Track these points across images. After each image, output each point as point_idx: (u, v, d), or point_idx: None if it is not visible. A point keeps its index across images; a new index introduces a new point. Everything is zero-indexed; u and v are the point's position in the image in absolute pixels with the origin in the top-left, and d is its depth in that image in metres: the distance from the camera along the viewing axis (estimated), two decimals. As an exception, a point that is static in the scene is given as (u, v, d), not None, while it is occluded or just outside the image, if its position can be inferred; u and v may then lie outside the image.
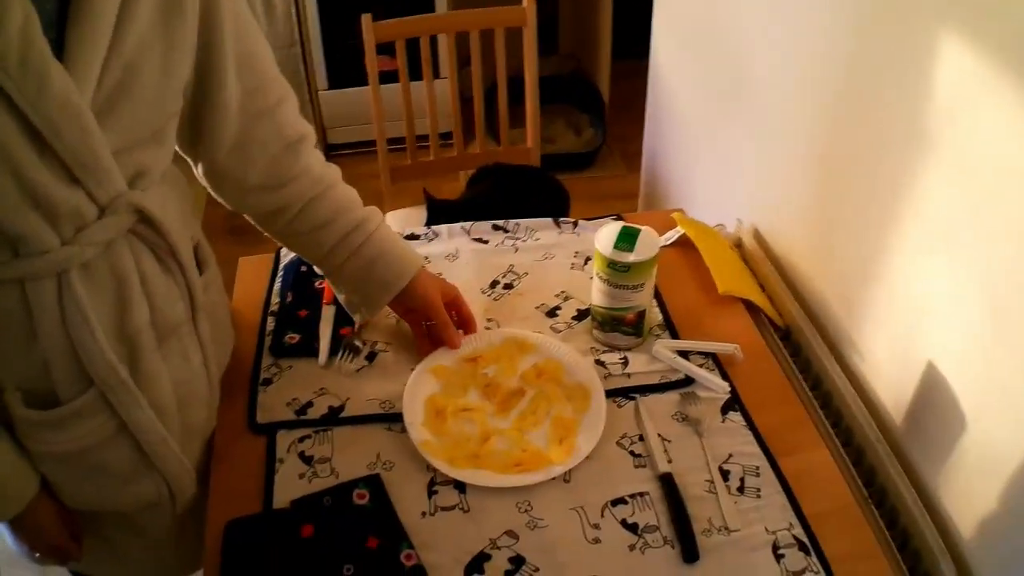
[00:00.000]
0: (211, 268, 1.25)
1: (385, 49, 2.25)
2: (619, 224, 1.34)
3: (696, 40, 2.08)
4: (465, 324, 1.40)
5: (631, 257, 1.29)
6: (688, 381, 1.34)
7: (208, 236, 1.28)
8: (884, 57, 1.24)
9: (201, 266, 1.21)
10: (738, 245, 1.72)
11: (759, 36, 1.66)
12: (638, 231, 1.32)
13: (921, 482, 1.25)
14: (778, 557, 1.11)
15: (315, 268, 1.40)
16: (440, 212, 2.10)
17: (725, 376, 1.35)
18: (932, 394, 1.21)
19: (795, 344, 1.51)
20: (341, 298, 1.40)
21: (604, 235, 1.33)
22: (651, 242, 1.31)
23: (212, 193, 1.26)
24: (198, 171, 1.22)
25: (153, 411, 1.08)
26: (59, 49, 0.85)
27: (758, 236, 1.70)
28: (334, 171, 1.29)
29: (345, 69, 3.45)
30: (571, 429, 1.25)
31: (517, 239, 1.67)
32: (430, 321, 1.36)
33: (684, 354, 1.38)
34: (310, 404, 1.32)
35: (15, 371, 1.00)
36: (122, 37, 0.89)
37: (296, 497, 1.18)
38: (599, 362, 1.38)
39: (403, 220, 2.37)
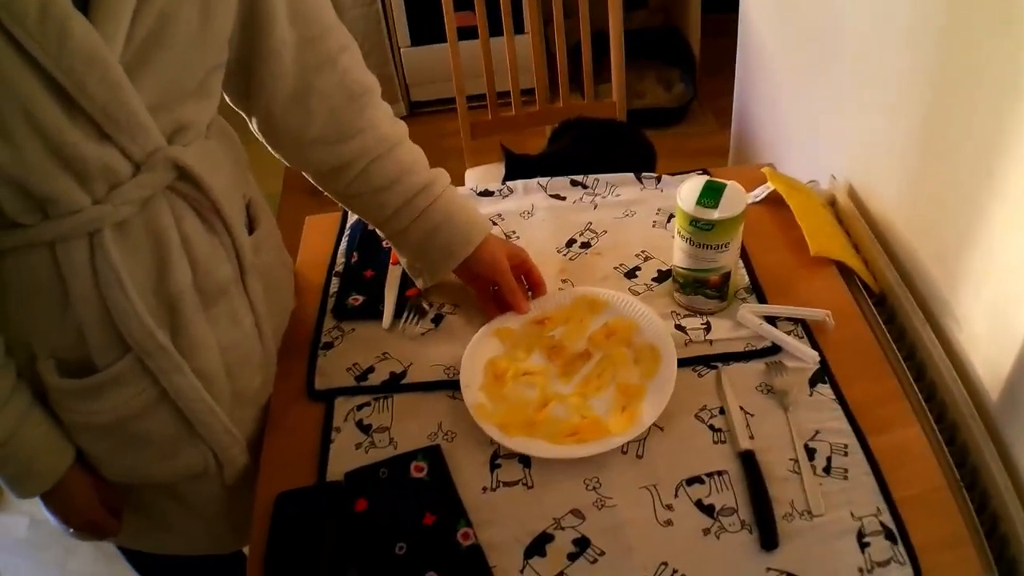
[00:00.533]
0: (263, 227, 1.20)
1: (466, 5, 2.17)
2: (703, 178, 1.23)
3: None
4: (535, 288, 1.33)
5: (715, 214, 1.19)
6: (775, 349, 1.24)
7: (288, 194, 1.23)
8: (987, 3, 1.10)
9: (253, 224, 1.16)
10: (831, 203, 1.59)
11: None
12: (723, 186, 1.22)
13: (1015, 465, 1.13)
14: (863, 546, 1.01)
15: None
16: (519, 167, 2.01)
17: (815, 345, 1.24)
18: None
19: (889, 310, 1.39)
20: (403, 262, 1.34)
21: (686, 190, 1.22)
22: (737, 198, 1.21)
23: (270, 149, 1.20)
24: (253, 125, 1.17)
25: (199, 378, 1.03)
26: (84, 1, 0.80)
27: (852, 194, 1.57)
28: (401, 128, 1.22)
29: (427, 25, 3.38)
30: (636, 396, 1.17)
31: (596, 195, 1.57)
32: (497, 286, 1.29)
33: (771, 320, 1.27)
34: (371, 369, 1.26)
35: (49, 339, 0.96)
36: None
37: (351, 469, 1.12)
38: (679, 327, 1.28)
39: (482, 176, 2.29)
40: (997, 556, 1.06)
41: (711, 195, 1.20)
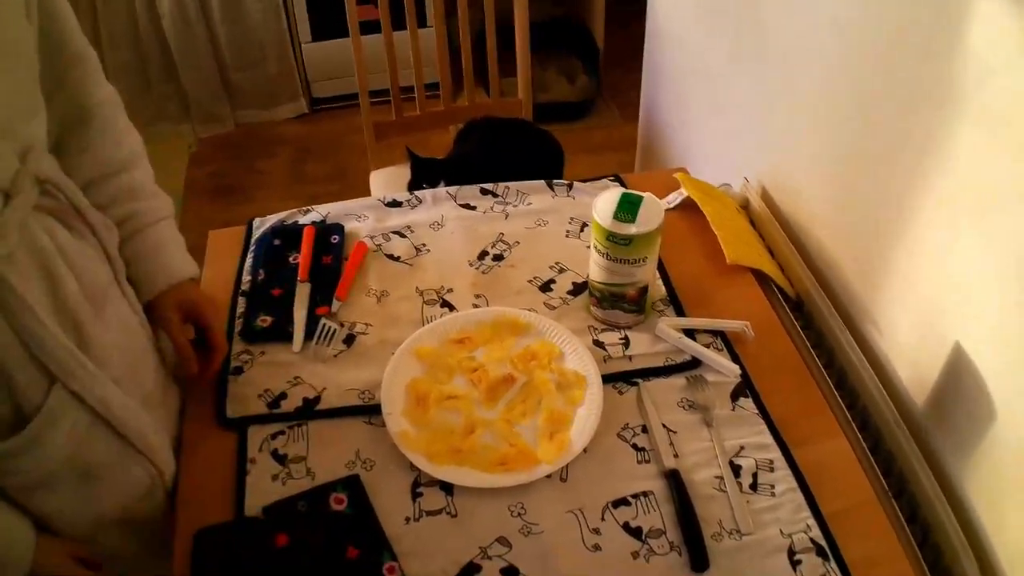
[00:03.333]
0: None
1: (367, -2, 2.10)
2: (619, 191, 1.21)
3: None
4: (211, 348, 1.21)
5: (633, 229, 1.17)
6: (695, 363, 1.24)
7: (190, 197, 1.17)
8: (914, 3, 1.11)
9: None
10: (744, 206, 1.60)
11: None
12: (640, 199, 1.20)
13: (943, 471, 1.15)
14: (794, 564, 1.02)
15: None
16: (425, 171, 1.96)
17: (735, 357, 1.24)
18: (958, 376, 1.10)
19: (807, 315, 1.40)
20: None
21: (603, 203, 1.20)
22: (655, 210, 1.19)
23: None
24: None
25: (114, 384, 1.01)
26: None
27: (766, 196, 1.58)
28: (128, 147, 1.16)
29: (329, 20, 3.29)
30: (563, 423, 1.15)
31: (507, 204, 1.54)
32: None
33: (690, 333, 1.27)
34: (283, 396, 1.21)
35: None
36: None
37: (269, 503, 1.08)
38: (598, 343, 1.27)
39: (387, 179, 2.24)
40: (931, 565, 1.07)
41: (628, 209, 1.19)
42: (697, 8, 1.95)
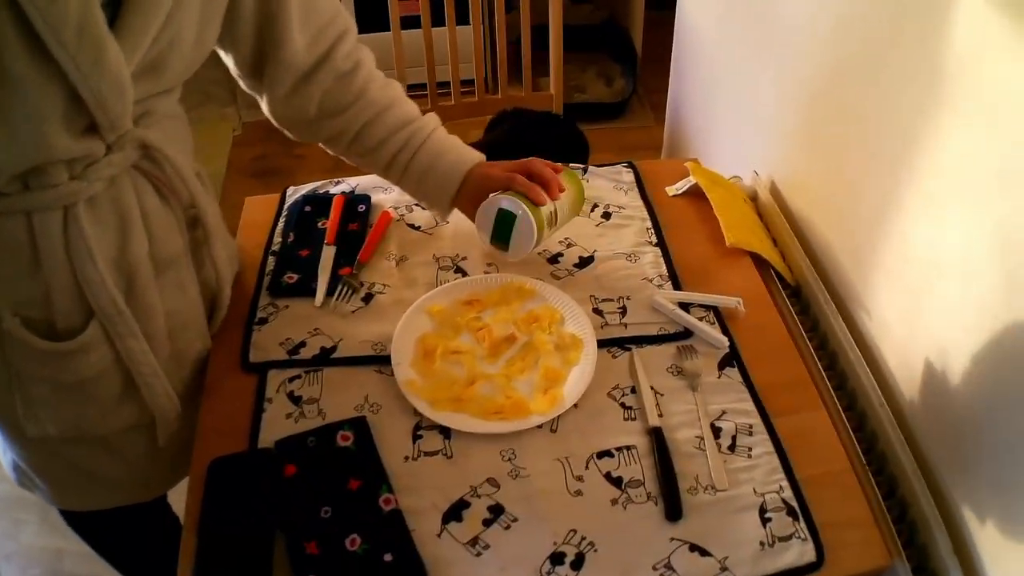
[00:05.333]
0: (211, 194, 1.25)
1: (410, -7, 2.21)
2: (495, 207, 1.30)
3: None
4: (545, 185, 1.31)
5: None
6: (687, 334, 1.31)
7: (232, 178, 1.30)
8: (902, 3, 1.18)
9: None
10: (753, 198, 1.68)
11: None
12: (513, 218, 1.29)
13: (923, 453, 1.20)
14: (764, 520, 1.08)
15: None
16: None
17: (726, 331, 1.32)
18: (940, 361, 1.16)
19: (804, 301, 1.47)
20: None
21: (481, 217, 1.32)
22: (527, 232, 1.30)
23: (279, 127, 1.32)
24: (266, 111, 1.30)
25: (146, 340, 1.10)
26: (110, 23, 0.86)
27: (774, 190, 1.65)
28: (391, 92, 1.32)
29: (373, 13, 3.38)
30: (557, 380, 1.23)
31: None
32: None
33: (685, 307, 1.34)
34: (303, 344, 1.31)
35: (16, 298, 1.02)
36: (172, 18, 0.92)
37: (281, 437, 1.17)
38: (597, 310, 1.35)
39: None
40: (906, 542, 1.13)
41: (502, 234, 1.31)
42: (719, 8, 2.04)
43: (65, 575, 2.06)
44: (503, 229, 1.29)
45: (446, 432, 1.18)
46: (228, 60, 1.21)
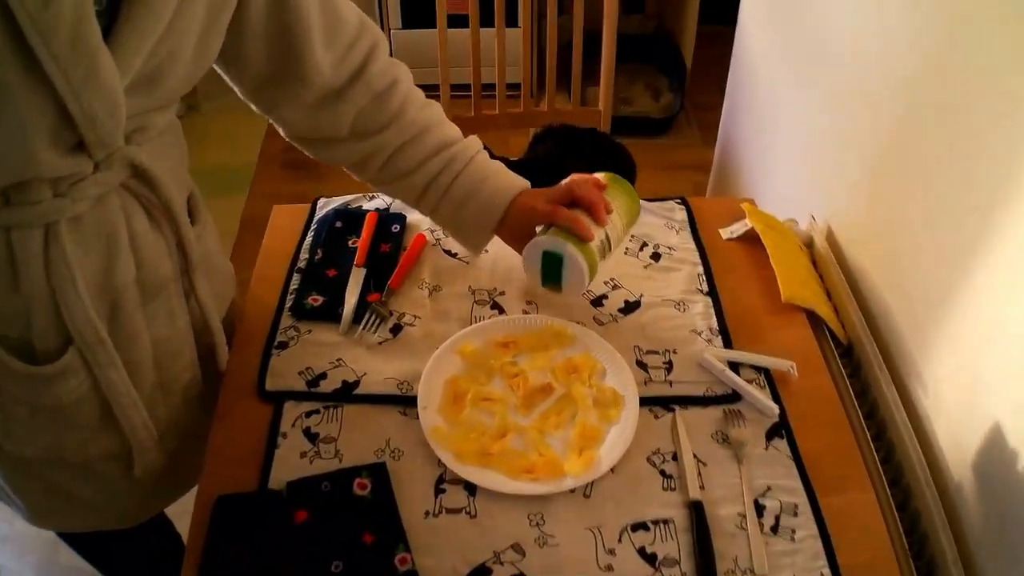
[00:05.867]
0: (202, 219, 1.19)
1: (459, -9, 2.13)
2: (539, 248, 1.17)
3: (785, 11, 1.91)
4: (591, 210, 1.18)
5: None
6: (735, 397, 1.22)
7: (262, 169, 1.22)
8: (985, 53, 1.08)
9: (193, 216, 1.15)
10: (808, 244, 1.58)
11: (848, 14, 1.51)
12: (560, 259, 1.16)
13: (964, 538, 1.12)
14: (804, 611, 1.00)
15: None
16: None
17: (775, 396, 1.23)
18: (997, 451, 1.07)
19: (855, 362, 1.38)
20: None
21: (528, 262, 1.21)
22: (578, 272, 1.17)
23: (298, 147, 1.23)
24: (282, 132, 1.21)
25: (128, 368, 1.04)
26: (104, 33, 0.80)
27: (831, 238, 1.56)
28: (430, 113, 1.22)
29: (420, 9, 3.33)
30: (594, 439, 1.15)
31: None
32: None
33: (734, 366, 1.25)
34: (323, 376, 1.23)
35: None
36: (171, 30, 0.86)
37: (293, 478, 1.10)
38: (641, 364, 1.26)
39: None
40: None
41: (552, 274, 1.19)
42: (781, 38, 1.94)
43: (61, 566, 2.01)
44: (551, 271, 1.18)
45: (471, 488, 1.10)
46: (232, 79, 1.13)
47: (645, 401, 1.20)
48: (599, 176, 1.22)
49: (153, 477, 1.19)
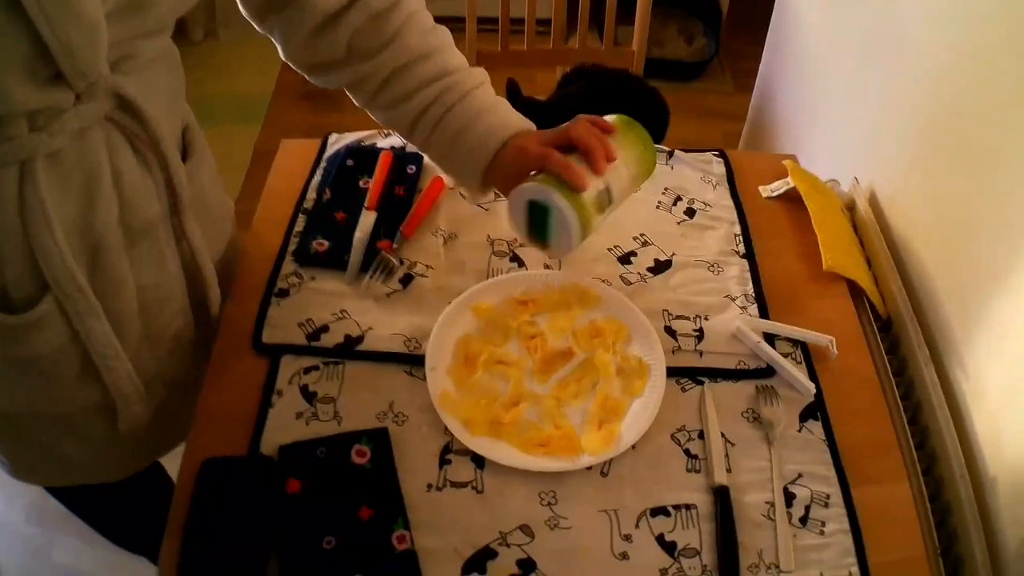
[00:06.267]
0: (198, 154, 1.09)
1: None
2: (523, 197, 0.98)
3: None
4: (589, 155, 0.98)
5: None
6: (769, 372, 1.13)
7: (278, 99, 1.10)
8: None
9: (187, 151, 1.06)
10: (850, 207, 1.47)
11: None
12: (547, 211, 0.96)
13: (994, 534, 1.04)
14: (829, 610, 0.92)
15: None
16: (522, 110, 1.86)
17: (812, 373, 1.13)
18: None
19: (894, 338, 1.28)
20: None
21: (512, 209, 1.02)
22: (567, 227, 0.96)
23: (292, 66, 1.11)
24: (283, 56, 1.09)
25: (111, 317, 0.96)
26: None
27: (874, 202, 1.44)
28: (435, 40, 1.06)
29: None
30: (616, 413, 1.06)
31: (598, 163, 1.43)
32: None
33: (769, 338, 1.16)
34: (325, 329, 1.14)
35: None
36: None
37: (287, 442, 1.02)
38: (669, 330, 1.16)
39: None
40: None
41: (539, 227, 0.99)
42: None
43: (50, 510, 1.97)
44: (539, 224, 0.98)
45: (479, 461, 1.02)
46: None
47: (672, 372, 1.11)
48: (608, 119, 1.04)
49: (139, 431, 1.11)
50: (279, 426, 1.04)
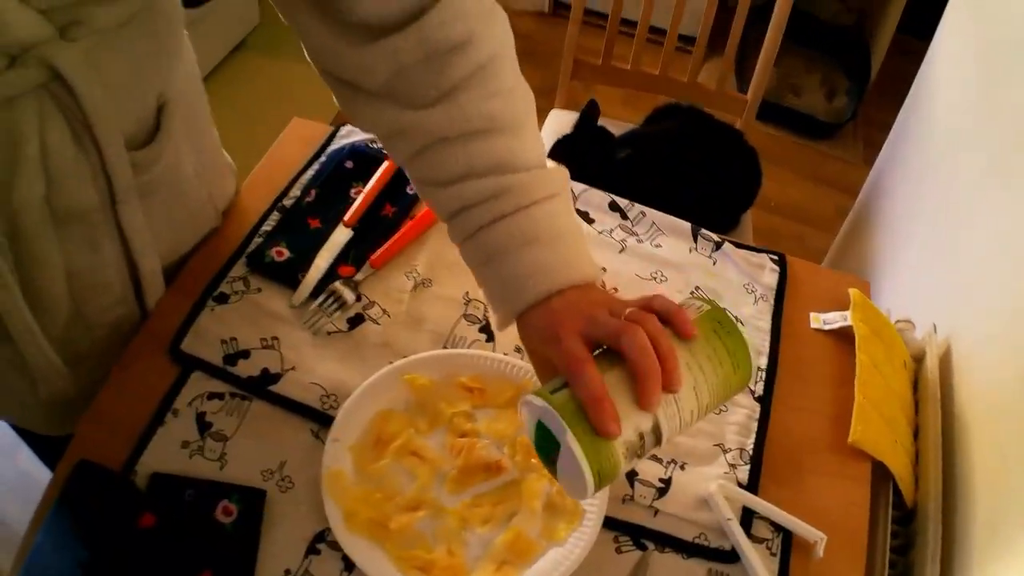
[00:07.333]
0: (172, 137, 0.94)
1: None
2: (533, 413, 0.71)
3: (990, 48, 1.49)
4: (637, 382, 0.68)
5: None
6: (732, 557, 0.93)
7: None
8: None
9: (157, 131, 0.92)
10: (917, 360, 1.24)
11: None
12: (557, 446, 0.69)
13: None
14: None
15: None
16: (593, 139, 1.67)
17: (784, 569, 0.93)
18: None
19: (911, 535, 1.06)
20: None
21: (524, 412, 0.73)
22: (576, 474, 0.67)
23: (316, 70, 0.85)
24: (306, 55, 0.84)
25: (35, 295, 0.88)
26: None
27: (946, 361, 1.21)
28: (511, 106, 0.80)
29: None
30: (524, 556, 0.87)
31: (632, 235, 1.23)
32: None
33: (749, 514, 0.95)
34: (246, 354, 0.99)
35: None
36: None
37: (161, 471, 0.90)
38: (630, 472, 0.96)
39: (569, 124, 1.80)
40: None
41: (545, 450, 0.72)
42: (974, 93, 1.53)
43: (18, 470, 2.00)
44: (545, 448, 0.71)
45: (350, 565, 0.86)
46: None
47: (612, 525, 0.92)
48: (691, 311, 0.75)
49: (65, 401, 1.02)
50: (162, 450, 0.92)
